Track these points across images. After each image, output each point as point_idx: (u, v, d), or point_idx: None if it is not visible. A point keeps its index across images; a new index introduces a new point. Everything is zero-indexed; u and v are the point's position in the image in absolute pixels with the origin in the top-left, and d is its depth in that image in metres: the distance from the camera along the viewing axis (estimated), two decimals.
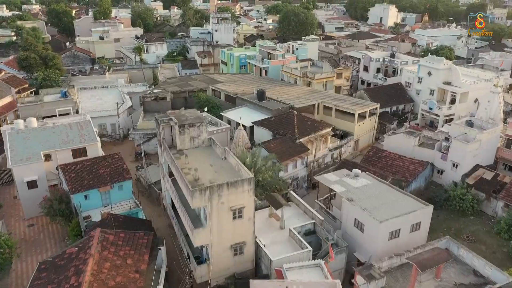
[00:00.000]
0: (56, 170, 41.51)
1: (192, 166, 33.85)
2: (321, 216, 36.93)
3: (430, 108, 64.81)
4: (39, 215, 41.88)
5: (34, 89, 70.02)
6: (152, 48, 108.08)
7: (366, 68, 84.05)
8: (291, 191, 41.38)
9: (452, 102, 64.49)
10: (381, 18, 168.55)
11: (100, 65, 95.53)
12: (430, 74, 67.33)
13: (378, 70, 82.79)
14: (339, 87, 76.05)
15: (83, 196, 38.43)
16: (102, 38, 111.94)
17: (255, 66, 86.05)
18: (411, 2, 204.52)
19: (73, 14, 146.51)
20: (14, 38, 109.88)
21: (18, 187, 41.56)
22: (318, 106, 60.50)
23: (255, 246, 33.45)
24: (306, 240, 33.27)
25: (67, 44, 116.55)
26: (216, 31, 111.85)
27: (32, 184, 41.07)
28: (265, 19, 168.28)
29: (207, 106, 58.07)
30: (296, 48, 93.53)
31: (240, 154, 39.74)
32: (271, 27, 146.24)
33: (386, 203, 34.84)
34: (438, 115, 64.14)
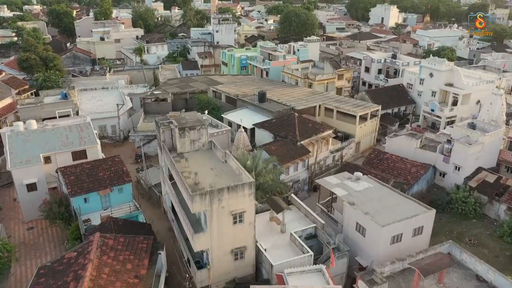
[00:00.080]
0: (56, 173, 41.26)
1: (193, 169, 33.54)
2: (322, 219, 36.65)
3: (432, 110, 64.49)
4: (39, 218, 41.58)
5: (35, 90, 69.81)
6: (153, 49, 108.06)
7: (367, 69, 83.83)
8: (292, 194, 41.11)
9: (454, 103, 64.32)
10: (382, 18, 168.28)
11: (100, 66, 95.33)
12: (432, 75, 67.07)
13: (380, 71, 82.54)
14: (340, 88, 75.85)
15: (82, 199, 38.16)
16: (102, 38, 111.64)
17: (256, 67, 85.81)
18: (412, 3, 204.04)
19: (74, 14, 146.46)
20: (15, 38, 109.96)
21: (18, 190, 41.40)
22: (319, 108, 60.26)
23: (255, 250, 33.13)
24: (307, 244, 32.91)
25: (68, 44, 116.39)
26: (217, 31, 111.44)
27: (31, 186, 40.91)
28: (266, 20, 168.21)
29: (207, 107, 57.88)
30: (297, 49, 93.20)
31: (241, 156, 39.44)
32: (272, 27, 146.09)
33: (388, 206, 34.58)
34: (440, 117, 63.87)
